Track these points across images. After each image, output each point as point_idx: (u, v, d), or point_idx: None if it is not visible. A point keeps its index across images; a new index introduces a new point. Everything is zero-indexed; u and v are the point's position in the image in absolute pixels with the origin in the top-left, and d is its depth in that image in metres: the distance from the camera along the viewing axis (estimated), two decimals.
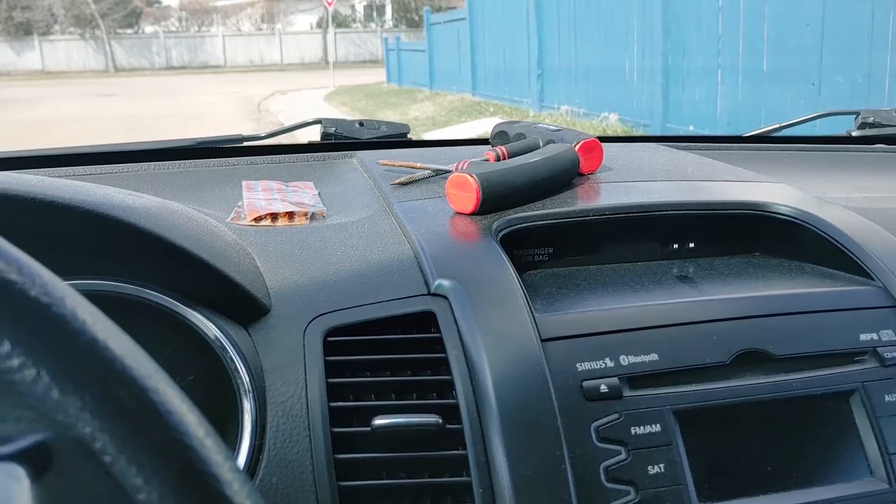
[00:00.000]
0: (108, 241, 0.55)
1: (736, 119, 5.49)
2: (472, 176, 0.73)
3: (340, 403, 0.58)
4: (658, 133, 6.32)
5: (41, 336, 0.26)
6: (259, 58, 29.30)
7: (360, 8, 32.16)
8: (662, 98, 6.33)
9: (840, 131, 1.35)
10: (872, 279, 0.70)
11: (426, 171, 0.88)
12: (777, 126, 1.31)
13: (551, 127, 0.93)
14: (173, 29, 30.54)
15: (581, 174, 0.87)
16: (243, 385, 0.58)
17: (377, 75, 18.02)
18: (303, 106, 12.87)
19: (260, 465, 0.56)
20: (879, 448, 0.61)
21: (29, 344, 0.25)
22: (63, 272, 0.57)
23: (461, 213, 0.75)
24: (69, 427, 0.25)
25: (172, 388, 0.28)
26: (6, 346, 0.25)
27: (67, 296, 0.27)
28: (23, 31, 28.14)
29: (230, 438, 0.58)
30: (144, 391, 0.27)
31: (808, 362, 0.64)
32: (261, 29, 30.67)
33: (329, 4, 16.76)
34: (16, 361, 0.25)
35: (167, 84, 19.85)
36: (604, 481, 0.56)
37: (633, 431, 0.58)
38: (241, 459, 0.56)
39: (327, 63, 20.84)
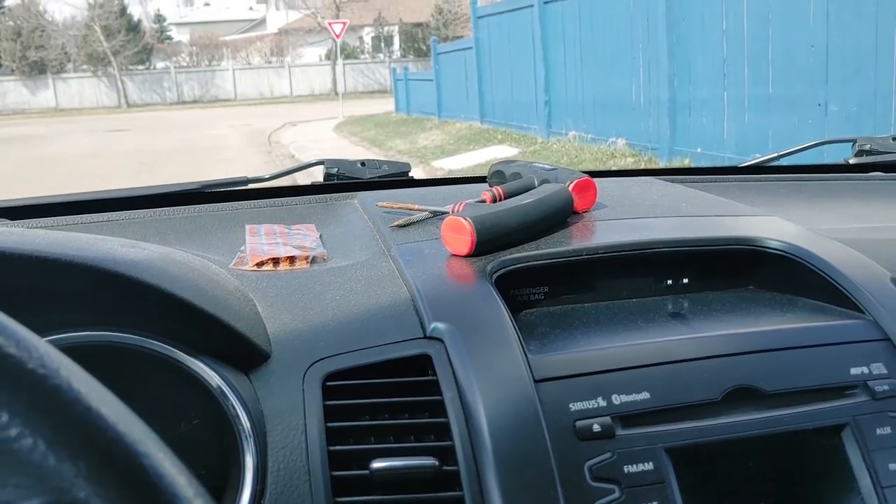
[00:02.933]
0: (113, 295, 0.57)
1: (743, 141, 5.50)
2: (466, 219, 0.75)
3: (339, 447, 0.59)
4: (666, 156, 6.34)
5: (38, 407, 0.27)
6: (269, 90, 29.63)
7: (367, 39, 32.48)
8: (669, 122, 6.35)
9: (840, 158, 1.36)
10: (862, 312, 0.71)
11: (424, 213, 0.90)
12: (774, 155, 1.33)
13: (546, 166, 0.95)
14: (184, 64, 30.89)
15: (575, 212, 0.89)
16: (244, 431, 0.59)
17: (386, 105, 18.17)
18: (313, 137, 12.97)
19: None
20: (872, 481, 0.62)
21: (26, 415, 0.27)
22: (68, 324, 0.59)
23: (457, 255, 0.76)
24: (65, 492, 0.27)
25: (163, 451, 0.29)
26: (4, 417, 0.27)
27: (62, 367, 0.29)
28: (37, 69, 28.58)
29: (233, 483, 0.59)
30: (136, 456, 0.28)
31: (799, 397, 0.65)
32: (270, 62, 30.99)
33: (337, 37, 16.93)
34: (14, 431, 0.27)
35: (179, 118, 20.08)
36: None
37: (626, 470, 0.59)
38: None
39: (336, 94, 21.03)
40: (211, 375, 0.61)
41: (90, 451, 0.28)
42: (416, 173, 1.23)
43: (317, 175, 1.26)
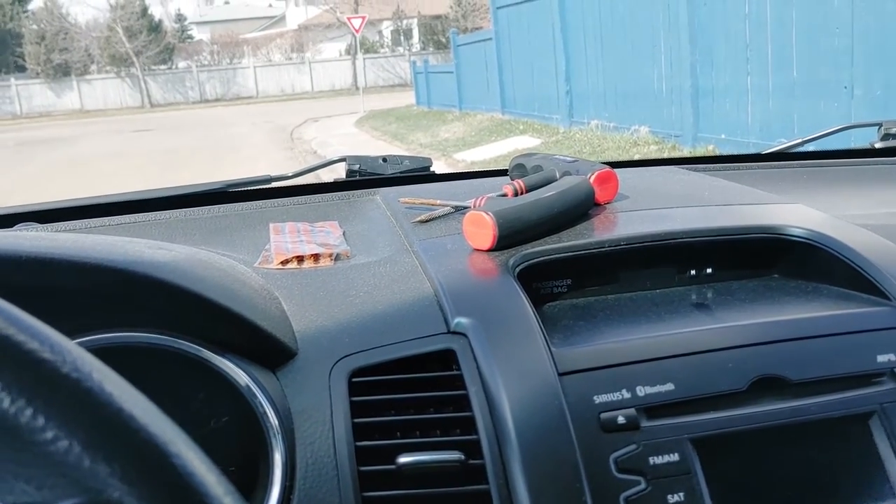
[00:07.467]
0: (141, 297, 0.58)
1: (768, 126, 5.45)
2: (488, 213, 0.75)
3: (366, 443, 0.60)
4: (689, 143, 6.30)
5: (72, 410, 0.28)
6: (290, 87, 29.77)
7: (387, 33, 32.48)
8: (692, 109, 6.30)
9: (866, 142, 1.34)
10: (889, 299, 0.71)
11: (446, 208, 0.90)
12: (798, 141, 1.31)
13: (567, 158, 0.95)
14: (206, 63, 31.12)
15: (597, 204, 0.88)
16: (272, 428, 0.60)
17: (407, 98, 18.18)
18: (335, 132, 13.01)
19: None
20: None
21: (61, 418, 0.28)
22: (97, 326, 0.60)
23: (479, 250, 0.76)
24: (100, 492, 0.28)
25: (193, 450, 0.30)
26: (41, 420, 0.28)
27: (94, 370, 0.29)
28: (61, 72, 28.95)
29: (262, 479, 0.60)
30: (167, 456, 0.29)
31: (826, 386, 0.64)
32: (291, 58, 31.12)
33: (356, 31, 16.98)
34: (50, 434, 0.28)
35: (202, 117, 20.23)
36: None
37: (651, 461, 0.59)
38: (273, 501, 0.58)
39: (357, 89, 21.07)
40: (238, 374, 0.61)
41: (123, 452, 0.28)
42: (439, 166, 1.24)
43: (339, 172, 1.27)
